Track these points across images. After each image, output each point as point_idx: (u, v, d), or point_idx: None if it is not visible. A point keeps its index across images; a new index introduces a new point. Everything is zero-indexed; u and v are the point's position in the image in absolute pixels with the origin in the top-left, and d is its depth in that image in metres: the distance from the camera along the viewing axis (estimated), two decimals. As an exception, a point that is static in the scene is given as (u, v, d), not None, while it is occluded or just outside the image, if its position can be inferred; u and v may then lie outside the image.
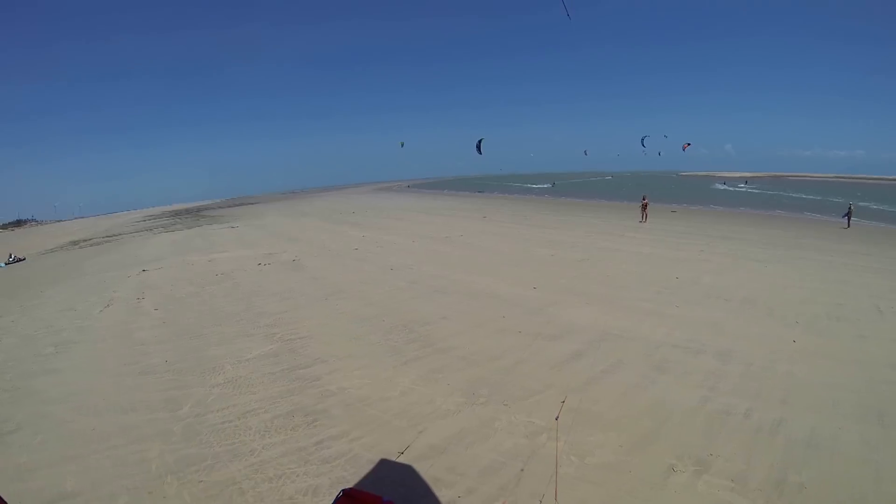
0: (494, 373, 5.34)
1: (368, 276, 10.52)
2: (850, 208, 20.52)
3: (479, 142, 35.62)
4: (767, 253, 12.79)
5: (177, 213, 50.77)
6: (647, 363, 5.74)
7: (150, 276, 12.06)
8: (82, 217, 72.36)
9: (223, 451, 4.11)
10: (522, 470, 3.64)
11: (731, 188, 63.38)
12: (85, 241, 25.00)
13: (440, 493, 3.45)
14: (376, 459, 3.87)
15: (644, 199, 21.30)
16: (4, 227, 54.32)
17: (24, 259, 18.09)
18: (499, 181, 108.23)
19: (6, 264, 16.90)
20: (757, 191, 57.69)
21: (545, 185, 70.21)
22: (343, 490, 2.24)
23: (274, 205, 53.44)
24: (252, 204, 63.56)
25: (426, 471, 3.66)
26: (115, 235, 26.10)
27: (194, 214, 45.38)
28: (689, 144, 37.50)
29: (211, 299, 9.16)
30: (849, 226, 19.98)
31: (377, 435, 4.21)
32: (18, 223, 59.80)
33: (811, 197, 45.75)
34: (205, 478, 3.76)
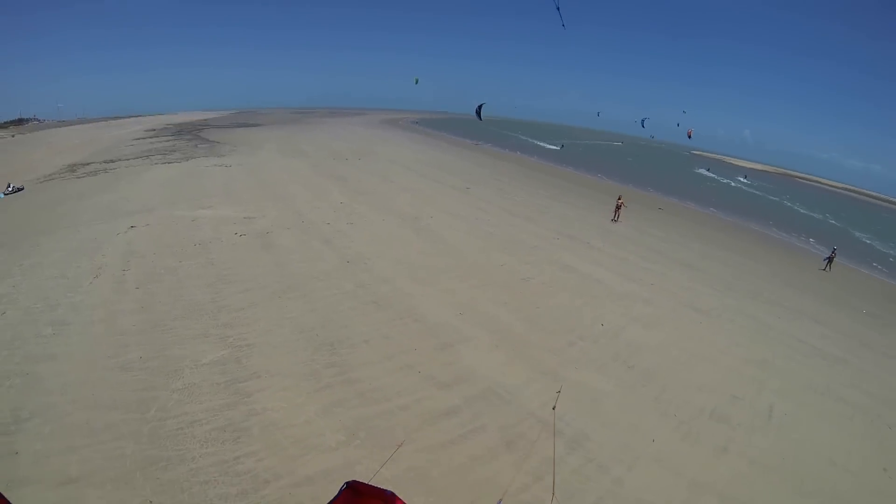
0: (377, 416, 6.75)
1: (325, 270, 11.85)
2: (833, 253, 20.92)
3: (480, 107, 35.08)
4: (716, 300, 13.43)
5: (179, 130, 50.33)
6: (500, 437, 6.50)
7: (138, 234, 13.41)
8: (85, 120, 71.10)
9: (174, 455, 5.77)
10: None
11: (729, 182, 62.78)
12: (83, 165, 25.81)
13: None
14: (270, 479, 5.65)
15: (619, 199, 22.12)
16: (5, 125, 53.83)
17: (23, 189, 19.22)
18: (512, 129, 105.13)
19: (5, 194, 18.08)
20: (757, 192, 57.08)
21: (553, 147, 68.83)
22: (347, 482, 2.52)
23: (275, 132, 52.92)
24: (255, 126, 62.63)
25: (294, 497, 5.42)
26: (113, 161, 26.82)
27: (195, 135, 45.20)
28: (692, 131, 38.48)
29: (185, 280, 10.64)
30: (828, 269, 20.46)
31: (275, 459, 5.92)
32: (20, 122, 59.09)
33: (809, 214, 45.38)
34: (160, 475, 5.45)
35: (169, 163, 26.68)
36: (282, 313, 9.55)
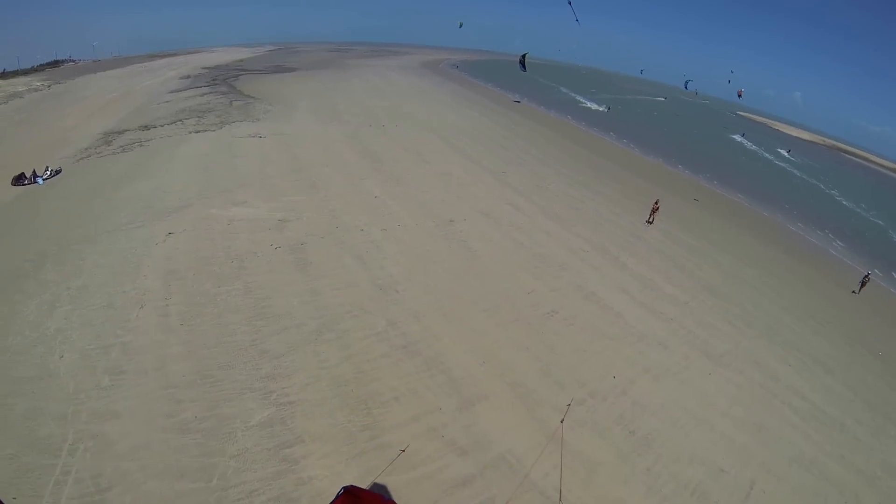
0: (406, 486, 7.38)
1: (358, 301, 11.90)
2: (867, 277, 19.89)
3: (524, 56, 32.86)
4: (731, 343, 13.09)
5: (214, 79, 48.69)
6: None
7: (176, 245, 13.68)
8: (119, 60, 70.14)
9: (235, 526, 6.45)
10: None
11: (771, 158, 58.01)
12: (118, 134, 25.89)
13: None
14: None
15: (656, 203, 21.13)
16: (41, 68, 53.82)
17: (60, 171, 19.61)
18: (556, 78, 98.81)
19: (44, 180, 18.55)
20: (799, 172, 52.35)
21: (600, 108, 63.94)
22: (344, 487, 2.50)
23: (311, 82, 50.86)
24: (291, 71, 60.41)
25: None
26: (147, 129, 26.81)
27: (230, 86, 44.06)
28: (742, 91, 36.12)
29: (225, 314, 10.97)
30: (859, 292, 19.51)
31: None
32: (55, 63, 58.87)
33: (853, 209, 41.04)
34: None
35: (203, 130, 26.44)
36: (318, 361, 9.86)
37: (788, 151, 66.83)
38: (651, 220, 21.01)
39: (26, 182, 18.19)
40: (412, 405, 9.05)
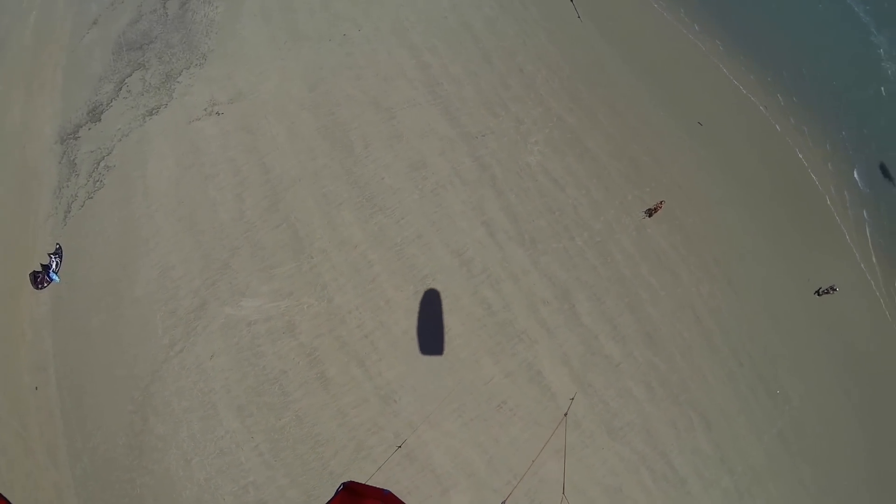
0: None
1: (371, 417, 18.00)
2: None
3: None
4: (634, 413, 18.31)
5: None
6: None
7: (226, 375, 18.53)
8: None
9: None
10: None
11: None
12: (73, 139, 22.45)
13: None
14: None
15: (661, 203, 21.02)
16: None
17: (60, 249, 20.32)
18: None
19: (57, 273, 19.76)
20: None
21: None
22: (343, 483, 3.02)
23: None
24: None
25: None
26: (99, 119, 22.60)
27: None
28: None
29: (296, 446, 17.69)
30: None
31: None
32: None
33: None
34: None
35: (155, 108, 22.76)
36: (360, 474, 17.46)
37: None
38: (650, 214, 20.95)
39: (44, 285, 19.96)
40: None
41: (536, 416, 18.41)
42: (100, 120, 22.83)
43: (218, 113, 22.82)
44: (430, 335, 18.98)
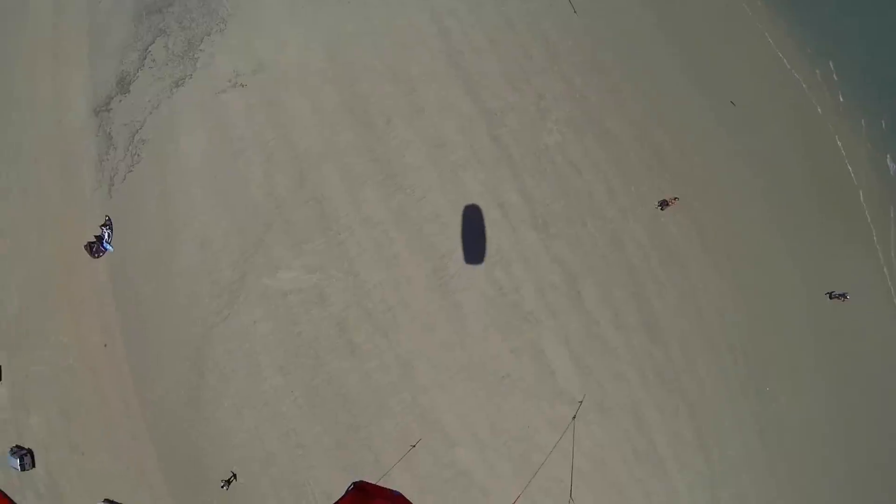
0: None
1: (391, 381, 20.68)
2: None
3: None
4: (623, 395, 20.47)
5: None
6: None
7: (268, 339, 21.09)
8: None
9: None
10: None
11: None
12: (105, 111, 23.16)
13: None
14: None
15: (674, 199, 21.13)
16: None
17: (109, 220, 22.21)
18: None
19: (110, 244, 21.87)
20: None
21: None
22: (354, 482, 3.43)
23: None
24: None
25: None
26: (128, 90, 23.07)
27: None
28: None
29: (327, 402, 20.65)
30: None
31: None
32: None
33: None
34: None
35: (181, 80, 23.01)
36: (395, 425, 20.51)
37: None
38: (663, 207, 20.97)
39: (100, 254, 22.16)
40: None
41: (535, 390, 20.64)
42: (129, 91, 23.36)
43: (242, 85, 23.01)
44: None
